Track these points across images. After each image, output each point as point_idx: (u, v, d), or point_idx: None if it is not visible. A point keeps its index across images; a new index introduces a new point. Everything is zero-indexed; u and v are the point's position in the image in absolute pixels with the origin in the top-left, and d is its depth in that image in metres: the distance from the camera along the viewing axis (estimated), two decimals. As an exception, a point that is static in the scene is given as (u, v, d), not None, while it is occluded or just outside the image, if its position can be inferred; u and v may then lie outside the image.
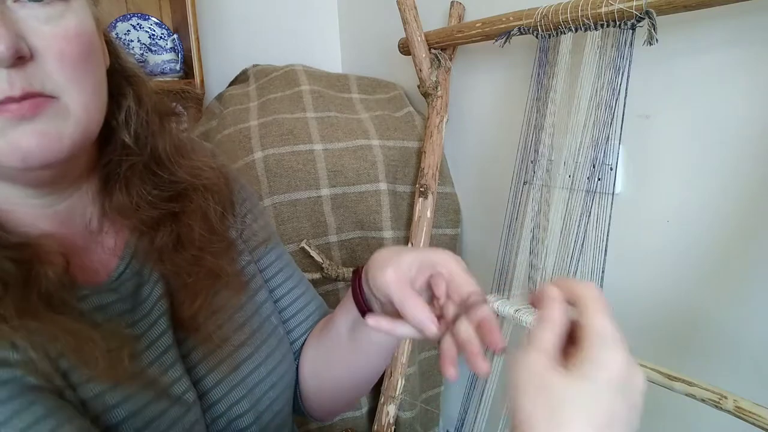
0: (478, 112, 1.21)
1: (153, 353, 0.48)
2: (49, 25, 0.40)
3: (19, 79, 0.38)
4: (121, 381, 0.42)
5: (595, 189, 0.84)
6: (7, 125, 0.39)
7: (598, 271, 0.84)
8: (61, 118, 0.41)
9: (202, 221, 0.54)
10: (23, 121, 0.39)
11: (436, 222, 1.24)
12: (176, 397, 0.48)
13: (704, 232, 0.81)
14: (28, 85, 0.39)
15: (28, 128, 0.39)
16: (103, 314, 0.46)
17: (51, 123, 0.40)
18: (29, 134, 0.39)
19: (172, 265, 0.51)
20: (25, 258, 0.41)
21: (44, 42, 0.40)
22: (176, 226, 0.52)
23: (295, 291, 0.65)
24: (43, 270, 0.41)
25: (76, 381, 0.41)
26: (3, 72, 0.38)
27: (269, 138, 1.20)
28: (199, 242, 0.53)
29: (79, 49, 0.41)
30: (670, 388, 0.65)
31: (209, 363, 0.53)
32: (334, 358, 0.61)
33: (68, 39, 0.41)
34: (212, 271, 0.53)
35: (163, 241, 0.51)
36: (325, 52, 1.71)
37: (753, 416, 0.57)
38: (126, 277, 0.50)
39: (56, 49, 0.40)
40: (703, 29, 0.77)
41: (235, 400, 0.54)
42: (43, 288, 0.40)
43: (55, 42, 0.40)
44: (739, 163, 0.76)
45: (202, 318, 0.52)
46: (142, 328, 0.49)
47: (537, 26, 0.90)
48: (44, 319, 0.39)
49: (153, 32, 1.43)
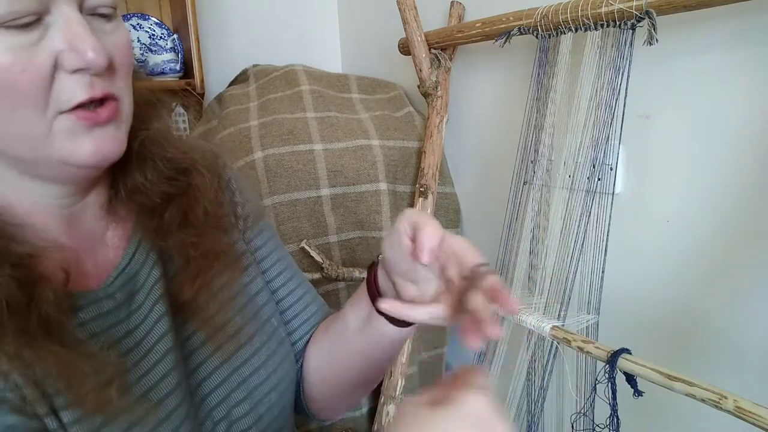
0: (478, 112, 1.21)
1: (150, 361, 0.48)
2: (112, 36, 0.44)
3: (99, 84, 0.43)
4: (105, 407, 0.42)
5: (595, 189, 0.84)
6: (82, 130, 0.43)
7: (598, 271, 0.84)
8: (121, 124, 0.46)
9: (205, 198, 0.56)
10: (97, 127, 0.43)
11: (436, 222, 1.23)
12: (168, 411, 0.47)
13: (704, 232, 0.81)
14: (108, 89, 0.43)
15: (102, 133, 0.44)
16: (100, 323, 0.46)
17: (117, 129, 0.45)
18: (103, 139, 0.44)
19: (177, 242, 0.52)
20: (28, 277, 0.41)
21: (113, 52, 0.44)
22: (184, 202, 0.54)
23: (297, 292, 0.65)
24: (45, 292, 0.41)
25: (59, 405, 0.41)
26: (87, 77, 0.42)
27: (269, 138, 1.20)
28: (203, 218, 0.55)
29: (130, 58, 0.47)
30: (670, 388, 0.65)
31: (210, 365, 0.53)
32: (342, 355, 0.61)
33: (125, 49, 0.46)
34: (213, 248, 0.54)
35: (170, 218, 0.53)
36: (325, 52, 1.72)
37: (753, 416, 0.57)
38: (126, 275, 0.50)
39: (121, 59, 0.45)
40: (703, 29, 0.77)
41: (236, 402, 0.53)
42: (43, 312, 0.41)
43: (118, 52, 0.44)
44: (739, 163, 0.76)
45: (202, 298, 0.52)
46: (139, 335, 0.49)
47: (537, 26, 0.90)
48: (38, 348, 0.40)
49: (153, 32, 1.44)
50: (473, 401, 0.38)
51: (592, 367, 0.85)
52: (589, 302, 0.85)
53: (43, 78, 0.40)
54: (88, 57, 0.40)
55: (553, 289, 0.88)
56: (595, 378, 0.82)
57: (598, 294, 0.84)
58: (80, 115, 0.42)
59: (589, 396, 0.84)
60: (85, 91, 0.42)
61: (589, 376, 0.85)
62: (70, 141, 0.43)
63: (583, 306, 0.86)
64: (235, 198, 0.62)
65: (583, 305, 0.86)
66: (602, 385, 0.74)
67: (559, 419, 0.97)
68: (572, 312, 0.86)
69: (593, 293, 0.85)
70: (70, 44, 0.40)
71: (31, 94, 0.40)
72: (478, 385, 0.40)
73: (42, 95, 0.40)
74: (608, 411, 0.77)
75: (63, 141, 0.42)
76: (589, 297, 0.85)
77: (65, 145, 0.42)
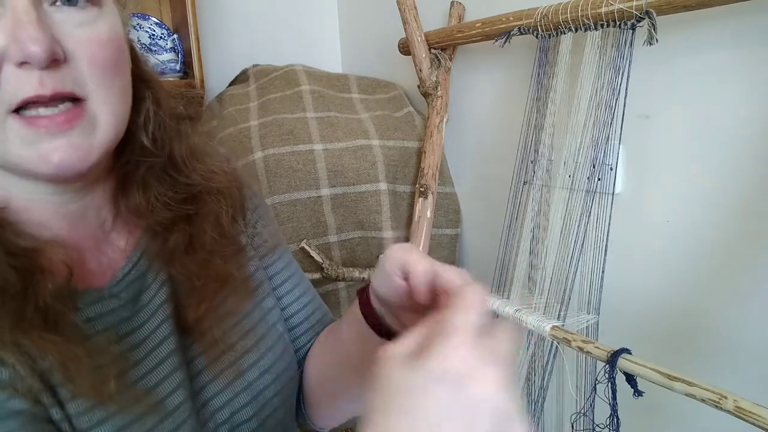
0: (478, 112, 1.21)
1: (151, 362, 0.48)
2: (82, 29, 0.41)
3: (51, 80, 0.39)
4: (105, 400, 0.42)
5: (595, 189, 0.84)
6: (38, 138, 0.40)
7: (598, 271, 0.84)
8: (91, 129, 0.42)
9: (215, 224, 0.54)
10: (57, 134, 0.40)
11: (436, 222, 1.24)
12: (169, 410, 0.47)
13: (704, 232, 0.81)
14: (60, 86, 0.40)
15: (61, 142, 0.40)
16: (103, 322, 0.46)
17: (82, 136, 0.41)
18: (62, 148, 0.40)
19: (182, 267, 0.51)
20: (28, 267, 0.41)
21: (78, 46, 0.41)
22: (189, 228, 0.53)
23: (302, 299, 0.65)
24: (44, 282, 0.41)
25: (63, 397, 0.41)
26: (36, 73, 0.39)
27: (269, 138, 1.20)
28: (210, 245, 0.53)
29: (109, 54, 0.42)
30: (670, 388, 0.65)
31: (214, 369, 0.53)
32: (342, 367, 0.60)
33: (100, 44, 0.42)
34: (220, 275, 0.53)
35: (175, 243, 0.52)
36: (325, 52, 1.71)
37: (753, 416, 0.57)
38: (131, 278, 0.50)
39: (88, 54, 0.41)
40: (703, 29, 0.77)
41: (240, 406, 0.53)
42: (41, 301, 0.40)
43: (88, 46, 0.41)
44: (739, 163, 0.76)
45: (207, 322, 0.51)
46: (142, 334, 0.49)
47: (537, 26, 0.90)
48: (35, 336, 0.39)
49: (153, 32, 1.43)
50: (453, 353, 0.31)
51: (592, 367, 0.85)
52: (589, 302, 0.85)
53: None
54: (29, 48, 0.37)
55: (553, 289, 0.88)
56: (595, 378, 0.82)
57: (598, 294, 0.84)
58: (32, 121, 0.39)
59: (589, 396, 0.84)
60: (32, 87, 0.39)
61: (589, 376, 0.85)
62: (25, 148, 0.40)
63: (583, 306, 0.86)
64: (248, 219, 0.61)
65: (583, 305, 0.86)
66: (602, 385, 0.74)
67: (559, 419, 0.97)
68: (572, 312, 0.86)
69: (593, 293, 0.85)
70: (13, 35, 0.38)
71: None
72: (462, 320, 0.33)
73: None
74: (608, 411, 0.76)
75: (18, 148, 0.40)
76: (589, 297, 0.85)
77: (21, 153, 0.40)
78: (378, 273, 0.47)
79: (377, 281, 0.47)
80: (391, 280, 0.45)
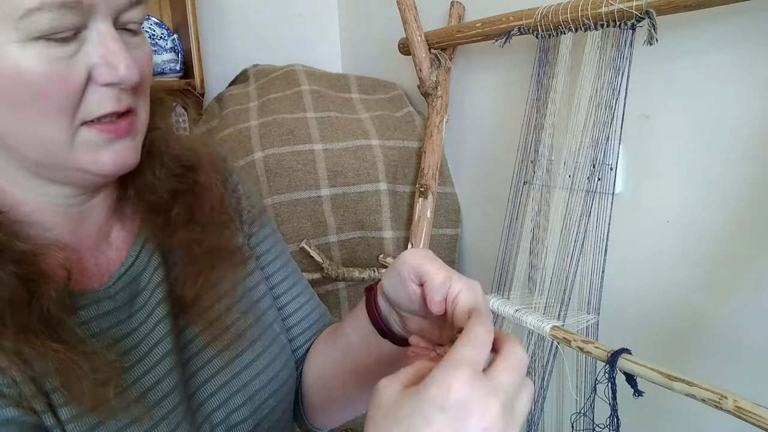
0: (478, 112, 1.21)
1: (147, 363, 0.48)
2: (138, 51, 0.45)
3: (126, 98, 0.44)
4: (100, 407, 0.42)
5: (595, 189, 0.84)
6: (105, 142, 0.44)
7: (598, 271, 0.84)
8: (136, 135, 0.47)
9: (210, 196, 0.56)
10: (119, 139, 0.45)
11: (436, 222, 1.24)
12: (165, 413, 0.47)
13: (704, 232, 0.81)
14: (132, 103, 0.45)
15: (122, 146, 0.45)
16: (99, 324, 0.47)
17: (134, 141, 0.47)
18: (122, 151, 0.45)
19: (182, 239, 0.53)
20: (30, 274, 0.42)
21: (140, 67, 0.45)
22: (190, 199, 0.55)
23: (300, 298, 0.65)
24: (47, 290, 0.42)
25: (56, 402, 0.41)
26: (116, 91, 0.43)
27: (269, 138, 1.20)
28: (208, 216, 0.55)
29: (149, 71, 0.48)
30: (670, 388, 0.65)
31: (210, 369, 0.53)
32: (344, 368, 0.60)
33: (147, 64, 0.47)
34: (217, 246, 0.55)
35: (177, 214, 0.53)
36: (325, 52, 1.71)
37: (753, 416, 0.57)
38: (128, 277, 0.50)
39: (143, 75, 0.46)
40: (703, 29, 0.77)
41: (235, 406, 0.53)
42: (44, 309, 0.41)
43: (144, 68, 0.46)
44: (739, 163, 0.76)
45: (205, 299, 0.52)
46: (139, 335, 0.49)
47: (537, 26, 0.90)
48: (37, 345, 0.40)
49: (153, 32, 1.43)
50: (453, 382, 0.31)
51: (592, 367, 0.85)
52: (589, 302, 0.85)
53: (76, 89, 0.41)
54: (121, 73, 0.42)
55: (553, 289, 0.88)
56: (595, 378, 0.82)
57: (598, 294, 0.84)
58: (102, 128, 0.44)
59: (589, 396, 0.84)
60: (112, 104, 0.43)
61: (589, 376, 0.85)
62: (92, 152, 0.44)
63: (583, 306, 0.86)
64: (241, 202, 0.62)
65: (583, 305, 0.86)
66: (602, 385, 0.74)
67: (559, 419, 0.97)
68: (572, 312, 0.86)
69: (593, 293, 0.85)
70: (105, 59, 0.42)
71: (62, 104, 0.41)
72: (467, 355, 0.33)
73: (72, 105, 0.42)
74: (608, 411, 0.76)
75: (85, 152, 0.44)
76: (589, 297, 0.85)
77: (87, 156, 0.44)
78: (390, 275, 0.47)
79: (388, 283, 0.48)
80: (405, 285, 0.46)
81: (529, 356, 0.94)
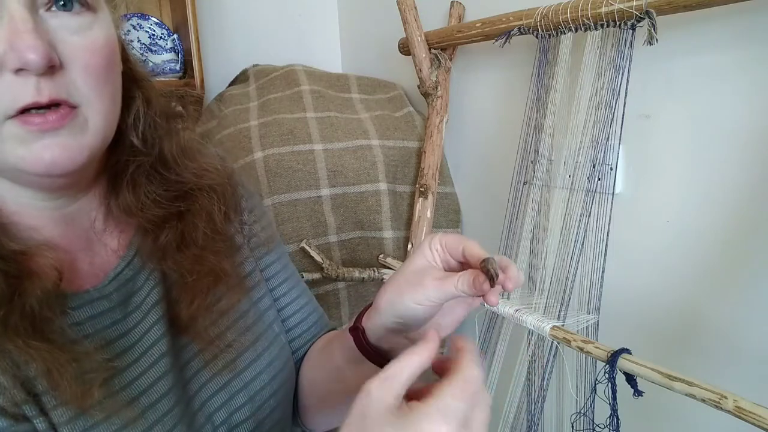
0: (478, 112, 1.21)
1: (142, 365, 0.48)
2: (78, 35, 0.41)
3: (47, 87, 0.40)
4: (88, 408, 0.41)
5: (595, 189, 0.84)
6: (31, 136, 0.40)
7: (598, 271, 0.84)
8: (81, 130, 0.42)
9: (207, 221, 0.54)
10: (47, 133, 0.40)
11: (436, 222, 1.24)
12: (160, 415, 0.47)
13: (704, 232, 0.81)
14: (56, 93, 0.40)
15: (52, 141, 0.41)
16: (93, 325, 0.46)
17: (72, 136, 0.42)
18: (53, 146, 0.41)
19: (174, 264, 0.51)
20: (16, 271, 0.41)
21: (73, 53, 0.41)
22: (181, 225, 0.53)
23: (299, 300, 0.65)
24: (32, 287, 0.40)
25: (48, 406, 0.41)
26: (32, 79, 0.39)
27: (269, 138, 1.20)
28: (202, 241, 0.53)
29: (103, 60, 0.43)
30: (670, 388, 0.65)
31: (211, 370, 0.53)
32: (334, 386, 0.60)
33: (95, 51, 0.42)
34: (213, 270, 0.53)
35: (167, 239, 0.52)
36: (325, 52, 1.71)
37: (753, 416, 0.57)
38: (122, 278, 0.50)
39: (83, 61, 0.41)
40: (703, 29, 0.77)
41: (237, 407, 0.53)
42: (27, 307, 0.40)
43: (83, 53, 0.41)
44: (739, 163, 0.76)
45: (202, 320, 0.51)
46: (134, 336, 0.48)
47: (537, 26, 0.90)
48: (20, 343, 0.39)
49: (153, 32, 1.43)
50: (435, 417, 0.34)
51: (592, 367, 0.85)
52: (589, 302, 0.85)
53: None
54: (26, 56, 0.38)
55: (553, 289, 0.88)
56: (595, 378, 0.82)
57: (598, 294, 0.84)
58: (26, 120, 0.40)
59: (589, 396, 0.84)
60: (30, 94, 0.39)
61: (589, 376, 0.85)
62: (21, 148, 0.40)
63: (583, 306, 0.86)
64: (244, 218, 0.61)
65: (583, 305, 0.86)
66: (602, 385, 0.74)
67: (559, 419, 0.97)
68: (572, 312, 0.86)
69: (593, 293, 0.85)
70: (10, 43, 0.38)
71: None
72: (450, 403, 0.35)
73: None
74: (608, 411, 0.76)
75: (13, 148, 0.40)
76: (589, 297, 0.85)
77: (16, 152, 0.40)
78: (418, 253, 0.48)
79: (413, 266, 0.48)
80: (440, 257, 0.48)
81: (529, 356, 0.94)
